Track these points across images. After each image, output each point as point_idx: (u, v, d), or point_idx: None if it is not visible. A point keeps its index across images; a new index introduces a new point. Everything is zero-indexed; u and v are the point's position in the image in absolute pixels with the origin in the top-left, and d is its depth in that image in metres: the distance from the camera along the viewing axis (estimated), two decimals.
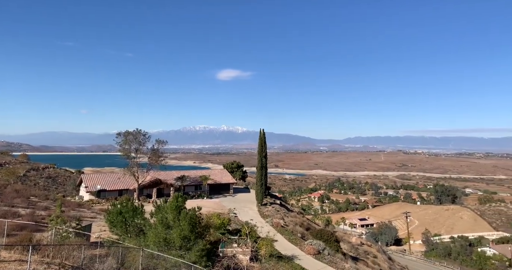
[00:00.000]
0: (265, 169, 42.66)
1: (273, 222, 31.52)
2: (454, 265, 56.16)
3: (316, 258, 23.38)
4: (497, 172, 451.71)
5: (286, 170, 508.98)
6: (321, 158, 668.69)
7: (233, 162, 69.94)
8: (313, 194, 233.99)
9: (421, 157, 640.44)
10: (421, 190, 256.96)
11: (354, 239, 42.66)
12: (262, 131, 42.91)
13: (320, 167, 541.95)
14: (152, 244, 12.65)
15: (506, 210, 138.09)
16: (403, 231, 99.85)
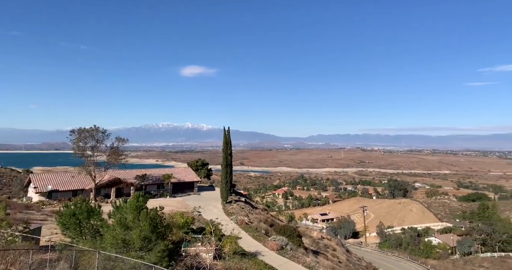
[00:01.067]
0: (230, 167, 42.59)
1: (238, 220, 31.65)
2: (404, 255, 60.67)
3: (279, 253, 23.90)
4: (442, 167, 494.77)
5: (251, 168, 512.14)
6: (285, 155, 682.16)
7: (197, 160, 68.86)
8: (278, 191, 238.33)
9: (377, 154, 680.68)
10: (377, 185, 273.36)
11: (315, 233, 44.24)
12: (227, 129, 42.75)
13: (284, 164, 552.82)
14: (109, 246, 12.06)
15: (449, 202, 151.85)
16: (360, 224, 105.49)
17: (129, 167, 52.38)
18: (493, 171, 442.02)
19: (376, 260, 51.12)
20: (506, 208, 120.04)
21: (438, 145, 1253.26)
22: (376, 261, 50.70)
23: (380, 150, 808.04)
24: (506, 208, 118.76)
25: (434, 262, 58.47)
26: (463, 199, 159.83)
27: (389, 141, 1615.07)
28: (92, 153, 41.04)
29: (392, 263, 53.00)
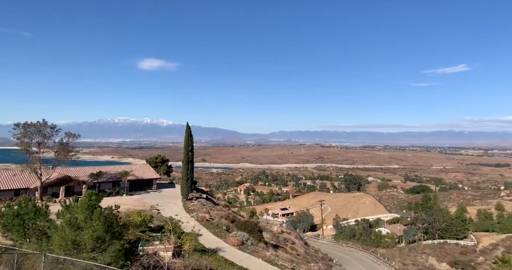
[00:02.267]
0: (192, 163, 41.82)
1: (199, 217, 31.30)
2: (357, 245, 64.57)
3: (240, 248, 24.15)
4: (392, 162, 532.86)
5: (213, 164, 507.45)
6: (247, 151, 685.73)
7: (157, 157, 66.60)
8: (239, 187, 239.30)
9: (335, 150, 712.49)
10: (334, 180, 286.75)
11: (275, 228, 45.28)
12: (188, 125, 41.87)
13: (246, 160, 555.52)
14: (57, 248, 11.25)
15: (397, 194, 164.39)
16: (318, 217, 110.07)
17: (82, 164, 49.14)
18: (435, 165, 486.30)
19: (331, 251, 53.79)
20: (445, 199, 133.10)
21: (389, 141, 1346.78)
22: (332, 252, 53.35)
23: (337, 146, 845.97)
24: (445, 199, 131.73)
25: (383, 250, 63.01)
26: (409, 191, 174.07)
27: (346, 137, 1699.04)
28: (39, 149, 37.75)
29: (346, 253, 56.15)
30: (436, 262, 48.49)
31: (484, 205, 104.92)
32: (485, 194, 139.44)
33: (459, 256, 59.75)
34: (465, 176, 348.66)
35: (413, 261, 50.04)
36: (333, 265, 40.08)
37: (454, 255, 60.58)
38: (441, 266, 46.47)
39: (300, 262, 29.45)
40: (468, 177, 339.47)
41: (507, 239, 65.59)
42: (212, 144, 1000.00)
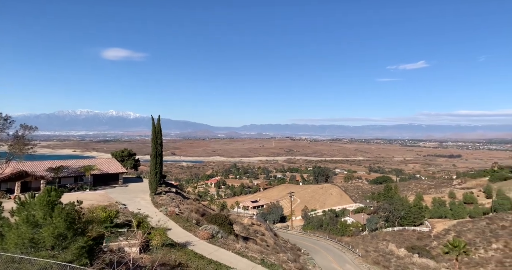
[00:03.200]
0: (160, 157, 40.78)
1: (168, 211, 30.78)
2: (324, 234, 67.25)
3: (210, 242, 24.17)
4: (357, 154, 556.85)
5: (183, 158, 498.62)
6: (218, 144, 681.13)
7: (123, 150, 64.04)
8: (210, 180, 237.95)
9: (304, 143, 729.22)
10: (303, 172, 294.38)
11: (246, 220, 45.76)
12: (158, 118, 40.65)
13: (217, 153, 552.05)
14: (13, 247, 10.55)
15: (362, 185, 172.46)
16: (288, 209, 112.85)
17: (40, 158, 46.00)
18: (396, 156, 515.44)
19: (300, 241, 55.57)
20: (404, 188, 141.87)
21: (355, 134, 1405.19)
22: (300, 242, 55.12)
23: (307, 139, 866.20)
24: (405, 189, 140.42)
25: (348, 239, 66.22)
26: (373, 182, 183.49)
27: (315, 131, 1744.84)
28: None
29: (313, 243, 58.29)
30: (395, 248, 51.90)
31: (439, 193, 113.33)
32: (439, 183, 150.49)
33: (416, 242, 64.39)
34: (423, 167, 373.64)
35: (375, 247, 53.16)
36: (301, 254, 41.43)
37: (412, 241, 65.17)
38: (399, 252, 49.82)
39: (270, 252, 30.12)
40: (425, 168, 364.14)
41: (457, 224, 71.61)
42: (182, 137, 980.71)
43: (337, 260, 44.43)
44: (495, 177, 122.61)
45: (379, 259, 44.82)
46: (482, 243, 56.72)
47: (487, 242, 56.52)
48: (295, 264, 29.95)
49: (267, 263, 22.58)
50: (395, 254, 48.41)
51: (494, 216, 71.12)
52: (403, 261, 44.97)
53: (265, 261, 22.85)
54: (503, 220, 65.80)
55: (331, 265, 41.51)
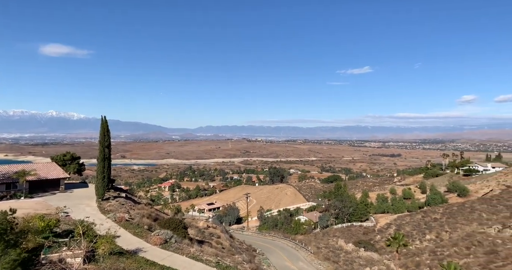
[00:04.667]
0: (109, 160, 38.34)
1: (117, 217, 29.09)
2: (278, 234, 68.88)
3: (163, 247, 23.41)
4: (311, 154, 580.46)
5: (134, 161, 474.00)
6: (173, 146, 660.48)
7: (65, 153, 58.90)
8: (164, 184, 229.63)
9: (260, 144, 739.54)
10: (259, 173, 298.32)
11: (201, 223, 45.06)
12: (105, 119, 38.19)
13: (172, 156, 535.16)
14: None
15: (315, 184, 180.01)
16: (244, 210, 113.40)
17: None
18: (345, 156, 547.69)
19: (255, 242, 56.24)
20: (352, 186, 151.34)
21: (308, 135, 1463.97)
22: (256, 242, 55.80)
23: (263, 140, 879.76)
24: (353, 187, 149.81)
25: (301, 237, 68.65)
26: (324, 181, 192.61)
27: (271, 132, 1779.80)
28: None
29: (268, 242, 59.41)
30: (344, 243, 55.14)
31: (382, 190, 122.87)
32: (382, 181, 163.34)
33: (362, 236, 69.04)
34: (368, 166, 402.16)
35: (326, 244, 55.88)
36: (256, 255, 41.97)
37: (358, 236, 69.73)
38: (347, 247, 53.04)
39: (225, 255, 30.07)
40: (371, 166, 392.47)
41: (398, 218, 78.29)
42: (133, 139, 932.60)
43: (291, 258, 45.85)
44: (429, 174, 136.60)
45: (329, 255, 47.23)
46: (418, 235, 62.74)
47: (422, 234, 62.67)
48: (250, 265, 30.27)
49: (222, 265, 22.53)
50: (343, 249, 51.41)
51: (428, 210, 79.12)
52: (351, 255, 47.95)
53: (220, 264, 22.77)
54: (435, 213, 73.49)
55: (285, 263, 42.70)
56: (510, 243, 47.74)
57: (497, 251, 45.52)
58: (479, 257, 45.29)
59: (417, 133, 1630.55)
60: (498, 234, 51.63)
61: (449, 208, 73.77)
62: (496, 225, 55.14)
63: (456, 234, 58.06)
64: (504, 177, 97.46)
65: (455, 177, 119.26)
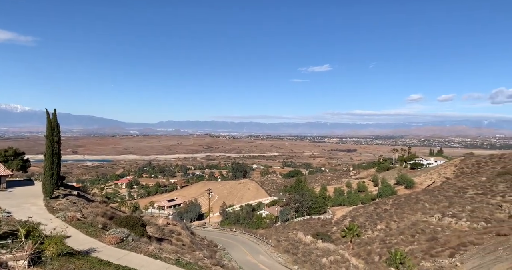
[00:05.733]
0: (58, 156, 35.55)
1: (67, 216, 27.25)
2: (240, 229, 69.49)
3: (119, 246, 22.47)
4: (273, 150, 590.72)
5: (87, 156, 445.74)
6: (131, 142, 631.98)
7: (7, 149, 53.73)
8: (121, 181, 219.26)
9: (223, 140, 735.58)
10: (222, 168, 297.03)
11: (161, 220, 43.90)
12: (53, 112, 35.31)
13: (130, 151, 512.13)
14: None
15: (277, 179, 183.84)
16: (206, 206, 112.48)
17: None
18: (306, 151, 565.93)
19: (217, 237, 56.18)
20: (312, 180, 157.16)
21: (271, 131, 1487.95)
22: (217, 238, 55.76)
23: (226, 136, 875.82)
24: (312, 181, 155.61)
25: (262, 231, 69.96)
26: (286, 176, 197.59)
27: (234, 128, 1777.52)
28: None
29: (230, 237, 59.72)
30: (303, 236, 57.26)
31: (339, 184, 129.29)
32: (340, 175, 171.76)
33: (320, 228, 72.26)
34: (327, 161, 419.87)
35: (286, 237, 57.59)
36: (217, 250, 42.01)
37: (317, 228, 72.85)
38: (306, 239, 55.18)
39: (185, 251, 29.69)
40: (329, 161, 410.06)
41: (353, 210, 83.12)
42: (87, 133, 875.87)
43: (252, 252, 46.60)
44: (381, 167, 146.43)
45: (289, 247, 48.80)
46: (370, 225, 67.25)
47: (374, 224, 67.28)
48: (211, 260, 30.25)
49: (182, 262, 22.25)
50: (302, 241, 53.40)
51: (379, 201, 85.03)
52: (309, 247, 50.00)
53: (180, 261, 22.47)
54: (385, 204, 79.23)
55: (246, 257, 43.31)
56: (448, 230, 53.12)
57: (437, 238, 50.42)
58: (422, 243, 49.82)
59: (371, 129, 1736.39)
60: (438, 222, 57.15)
61: (397, 199, 79.94)
62: (437, 214, 60.95)
63: (403, 223, 63.18)
64: (444, 170, 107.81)
65: (404, 170, 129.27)
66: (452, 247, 43.98)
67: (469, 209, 59.07)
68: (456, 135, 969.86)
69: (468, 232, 48.81)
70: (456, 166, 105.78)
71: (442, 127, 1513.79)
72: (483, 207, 59.30)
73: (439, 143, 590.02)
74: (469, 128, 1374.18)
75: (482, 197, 65.50)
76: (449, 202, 67.38)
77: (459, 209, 60.64)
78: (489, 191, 67.57)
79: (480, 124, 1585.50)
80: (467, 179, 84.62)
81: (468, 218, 54.89)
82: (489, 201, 62.17)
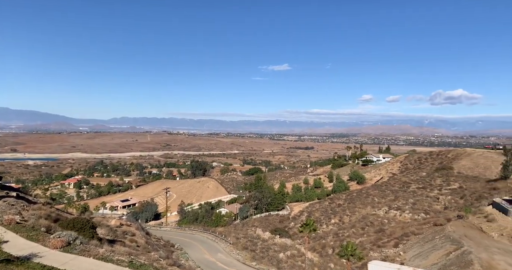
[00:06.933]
0: None
1: (4, 220, 24.64)
2: (199, 227, 68.55)
3: (65, 250, 20.90)
4: (233, 147, 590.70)
5: (29, 155, 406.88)
6: (80, 139, 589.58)
7: None
8: (68, 180, 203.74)
9: (182, 137, 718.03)
10: (181, 167, 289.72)
11: (113, 221, 41.70)
12: None
13: (79, 149, 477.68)
14: None
15: (237, 177, 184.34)
16: (163, 205, 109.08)
17: None
18: (266, 149, 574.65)
19: (174, 237, 54.85)
20: (271, 177, 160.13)
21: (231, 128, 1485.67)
22: (174, 237, 54.45)
23: (185, 133, 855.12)
24: (272, 178, 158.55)
25: (221, 229, 69.71)
26: (246, 174, 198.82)
27: (193, 125, 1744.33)
28: None
29: (188, 237, 58.65)
30: (262, 232, 58.23)
31: (297, 181, 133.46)
32: (298, 172, 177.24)
33: (278, 224, 74.01)
34: (286, 158, 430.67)
35: (244, 234, 58.04)
36: (174, 250, 41.06)
37: (275, 224, 74.49)
38: (265, 235, 56.20)
39: (140, 253, 28.58)
40: (288, 159, 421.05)
41: (309, 206, 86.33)
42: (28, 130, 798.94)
43: (210, 251, 46.29)
44: (335, 164, 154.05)
45: (248, 244, 49.30)
46: (325, 220, 70.51)
47: (328, 219, 70.65)
48: (167, 261, 29.48)
49: (135, 264, 21.38)
50: (261, 238, 54.27)
51: (334, 196, 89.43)
52: (267, 243, 50.99)
53: (133, 263, 21.57)
54: (339, 199, 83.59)
55: (204, 256, 42.90)
56: (393, 222, 57.70)
57: (384, 229, 54.52)
58: (370, 235, 53.51)
59: (327, 128, 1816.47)
60: (385, 215, 61.80)
61: (350, 195, 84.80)
62: (384, 207, 65.85)
63: (355, 217, 67.26)
64: (391, 166, 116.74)
65: (356, 166, 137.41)
66: (396, 238, 47.86)
67: (411, 202, 64.72)
68: (401, 133, 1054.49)
69: (410, 223, 53.50)
70: (401, 162, 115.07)
71: (390, 126, 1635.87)
72: (423, 199, 65.39)
73: (387, 141, 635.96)
74: (412, 127, 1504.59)
75: (422, 190, 72.16)
76: (395, 196, 73.16)
77: (403, 202, 66.15)
78: (429, 185, 74.67)
79: (421, 124, 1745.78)
80: (410, 174, 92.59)
81: (410, 210, 60.13)
82: (428, 194, 68.73)
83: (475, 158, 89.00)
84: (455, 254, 32.08)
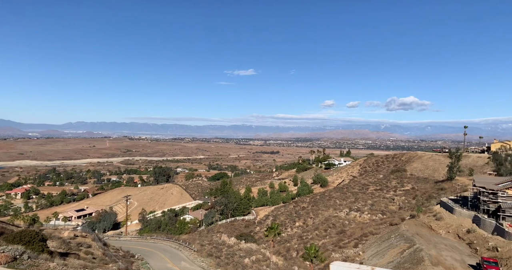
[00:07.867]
0: None
1: None
2: (161, 236, 66.11)
3: (10, 266, 19.11)
4: (199, 153, 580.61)
5: None
6: (29, 145, 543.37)
7: None
8: (15, 190, 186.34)
9: (145, 142, 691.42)
10: (143, 173, 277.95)
11: (66, 233, 38.85)
12: None
13: (27, 156, 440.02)
14: None
15: (202, 182, 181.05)
16: (123, 214, 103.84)
17: None
18: (232, 154, 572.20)
19: (134, 247, 52.36)
20: (237, 182, 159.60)
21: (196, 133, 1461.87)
22: (135, 247, 51.99)
23: (147, 138, 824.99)
24: (238, 183, 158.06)
25: (185, 236, 67.93)
26: (212, 179, 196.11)
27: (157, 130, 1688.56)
28: None
29: (150, 246, 56.30)
30: (227, 238, 57.62)
31: (263, 185, 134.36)
32: (263, 176, 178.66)
33: (244, 229, 73.80)
34: (252, 162, 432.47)
35: (209, 240, 56.99)
36: (134, 260, 39.25)
37: (240, 229, 74.18)
38: (230, 241, 55.67)
39: (96, 265, 26.96)
40: (254, 163, 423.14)
41: (275, 209, 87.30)
42: None
43: (173, 259, 44.82)
44: (300, 168, 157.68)
45: (212, 251, 48.48)
46: (290, 223, 71.70)
47: (293, 222, 71.95)
48: None
49: None
50: (226, 244, 53.67)
51: (298, 200, 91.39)
52: (232, 249, 50.53)
53: None
54: (304, 202, 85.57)
55: (167, 265, 41.44)
56: (353, 223, 60.26)
57: (345, 230, 56.70)
58: (333, 237, 55.35)
59: (292, 132, 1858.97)
60: (346, 217, 64.37)
61: (313, 197, 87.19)
62: (345, 209, 68.61)
63: (318, 219, 69.22)
64: (352, 169, 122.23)
65: (319, 170, 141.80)
66: (356, 238, 50.02)
67: (370, 203, 68.15)
68: (360, 137, 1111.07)
69: (369, 224, 56.26)
70: (360, 165, 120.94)
71: (350, 131, 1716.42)
72: (380, 200, 69.19)
73: (347, 145, 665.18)
74: (370, 132, 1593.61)
75: (380, 192, 76.38)
76: (355, 197, 76.59)
77: (362, 203, 69.44)
78: (385, 187, 79.28)
79: (378, 129, 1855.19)
80: (369, 176, 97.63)
81: (369, 211, 63.25)
82: (385, 195, 72.90)
83: (425, 160, 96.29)
84: (408, 251, 34.31)
